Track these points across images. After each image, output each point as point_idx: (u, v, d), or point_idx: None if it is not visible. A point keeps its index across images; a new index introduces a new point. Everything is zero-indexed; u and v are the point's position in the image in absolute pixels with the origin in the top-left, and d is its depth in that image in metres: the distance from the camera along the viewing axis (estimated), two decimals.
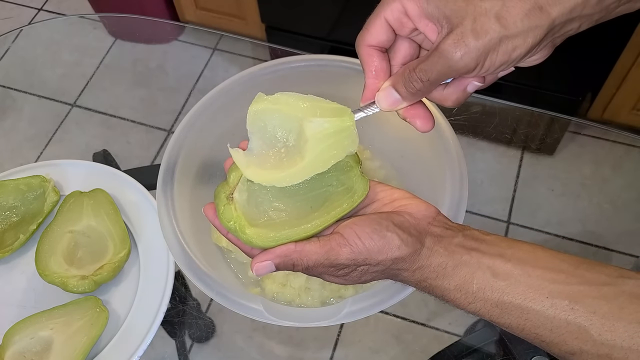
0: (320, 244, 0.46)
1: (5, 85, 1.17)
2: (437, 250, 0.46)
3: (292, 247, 0.46)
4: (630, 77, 1.36)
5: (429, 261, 0.46)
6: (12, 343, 0.66)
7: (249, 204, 0.48)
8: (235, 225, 0.47)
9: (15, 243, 0.74)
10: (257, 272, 0.47)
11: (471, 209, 0.88)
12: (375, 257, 0.46)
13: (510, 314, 0.44)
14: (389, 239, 0.45)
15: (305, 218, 0.48)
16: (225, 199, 0.49)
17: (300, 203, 0.49)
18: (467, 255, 0.45)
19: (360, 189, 0.49)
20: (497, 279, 0.44)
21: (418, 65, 0.44)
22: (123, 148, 1.05)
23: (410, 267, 0.46)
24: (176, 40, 1.30)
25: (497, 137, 0.91)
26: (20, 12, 1.93)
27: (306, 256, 0.46)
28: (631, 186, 0.96)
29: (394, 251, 0.45)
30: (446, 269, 0.45)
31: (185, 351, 0.78)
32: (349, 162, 0.49)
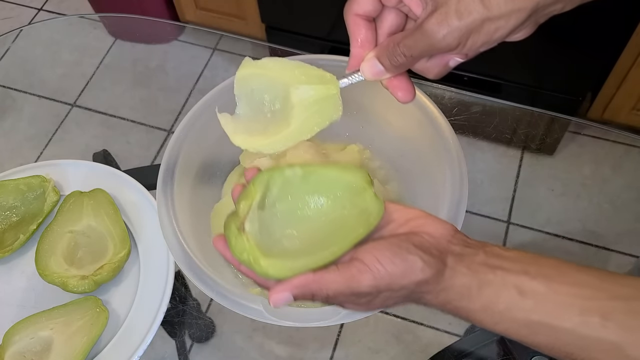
0: (340, 271, 0.44)
1: (5, 85, 1.17)
2: (460, 270, 0.44)
3: (311, 276, 0.44)
4: (630, 77, 1.36)
5: (452, 282, 0.44)
6: (12, 343, 0.66)
7: (261, 234, 0.47)
8: (249, 257, 0.46)
9: (15, 243, 0.74)
10: (275, 304, 0.45)
11: (471, 209, 0.88)
12: (399, 282, 0.44)
13: (540, 333, 0.42)
14: (411, 261, 0.43)
15: (320, 245, 0.46)
16: (236, 230, 0.46)
17: (314, 229, 0.47)
18: (492, 274, 0.44)
19: (375, 211, 0.47)
20: (523, 297, 0.43)
21: (402, 41, 0.45)
22: (123, 148, 1.05)
23: (434, 290, 0.44)
24: (176, 40, 1.30)
25: (497, 137, 0.91)
26: (20, 12, 1.93)
27: (326, 286, 0.44)
28: (631, 186, 0.95)
29: (418, 274, 0.43)
30: (471, 290, 0.44)
31: (185, 351, 0.78)
32: (361, 184, 0.48)
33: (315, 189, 0.48)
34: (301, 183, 0.48)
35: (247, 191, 0.48)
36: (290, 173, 0.48)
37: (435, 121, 0.69)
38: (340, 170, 0.48)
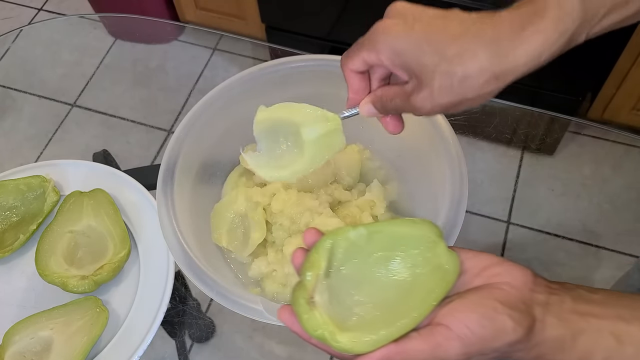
0: (424, 339, 0.41)
1: (5, 85, 1.17)
2: (550, 321, 0.42)
3: (393, 348, 0.42)
4: (630, 77, 1.36)
5: (544, 336, 0.42)
6: (12, 343, 0.66)
7: (332, 304, 0.44)
8: (324, 333, 0.43)
9: (15, 243, 0.74)
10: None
11: (471, 209, 0.88)
12: (490, 345, 0.41)
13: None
14: (501, 322, 0.40)
15: (397, 311, 0.43)
16: (305, 304, 0.44)
17: (387, 292, 0.45)
18: (584, 322, 0.41)
19: (451, 267, 0.44)
20: (622, 345, 0.40)
21: (393, 99, 0.51)
22: (123, 148, 1.05)
23: (526, 347, 0.42)
24: (176, 40, 1.30)
25: (497, 137, 0.91)
26: (20, 12, 1.93)
27: (411, 356, 0.41)
28: (631, 186, 0.96)
29: (510, 335, 0.41)
30: (565, 342, 0.41)
31: (185, 351, 0.78)
32: (431, 238, 0.45)
33: (383, 248, 0.46)
34: (367, 244, 0.46)
35: (312, 260, 0.45)
36: (354, 235, 0.46)
37: (435, 121, 0.69)
38: (407, 225, 0.46)
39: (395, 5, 0.49)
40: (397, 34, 0.47)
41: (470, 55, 0.44)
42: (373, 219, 0.72)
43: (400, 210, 0.76)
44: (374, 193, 0.73)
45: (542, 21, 0.43)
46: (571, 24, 0.45)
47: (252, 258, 0.72)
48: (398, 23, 0.47)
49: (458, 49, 0.44)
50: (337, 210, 0.74)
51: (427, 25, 0.46)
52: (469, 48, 0.44)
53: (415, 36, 0.46)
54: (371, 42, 0.50)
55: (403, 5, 0.49)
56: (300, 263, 0.47)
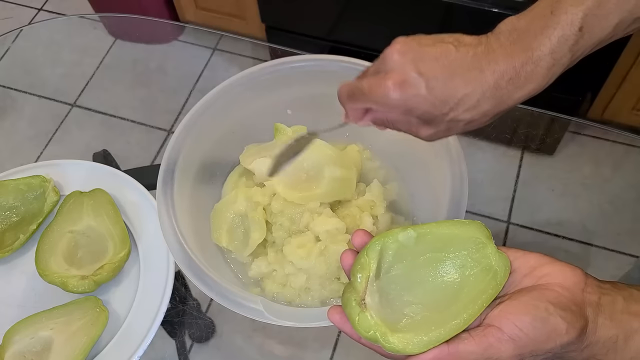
0: (476, 341, 0.41)
1: (5, 85, 1.17)
2: (602, 322, 0.42)
3: (446, 349, 0.42)
4: (630, 77, 1.36)
5: (596, 337, 0.42)
6: (12, 343, 0.66)
7: (382, 305, 0.45)
8: (376, 334, 0.43)
9: (15, 243, 0.74)
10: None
11: (471, 209, 0.88)
12: (543, 347, 0.41)
13: None
14: (553, 324, 0.41)
15: (448, 311, 0.44)
16: (357, 306, 0.44)
17: (437, 294, 0.45)
18: (637, 322, 0.42)
19: (501, 268, 0.44)
20: None
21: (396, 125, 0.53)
22: (123, 148, 1.05)
23: (579, 348, 0.42)
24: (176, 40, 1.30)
25: (497, 137, 0.91)
26: (20, 12, 1.93)
27: (464, 357, 0.42)
28: (631, 186, 0.95)
29: (563, 337, 0.41)
30: (617, 343, 0.42)
31: (185, 351, 0.78)
32: (480, 239, 0.46)
33: (432, 250, 0.46)
34: (416, 245, 0.46)
35: (362, 262, 0.46)
36: (403, 237, 0.46)
37: None
38: (456, 226, 0.46)
39: (393, 57, 0.49)
40: (407, 96, 0.48)
41: (474, 105, 0.48)
42: (373, 219, 0.72)
43: (401, 210, 0.76)
44: (374, 193, 0.73)
45: (536, 71, 0.48)
46: (560, 69, 0.49)
47: (252, 258, 0.72)
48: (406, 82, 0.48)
49: (464, 100, 0.48)
50: (337, 211, 0.74)
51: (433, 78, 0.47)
52: (474, 99, 0.47)
53: (424, 93, 0.48)
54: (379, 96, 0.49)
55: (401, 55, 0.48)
56: (349, 265, 0.47)
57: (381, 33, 1.44)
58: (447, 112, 0.48)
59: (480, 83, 0.47)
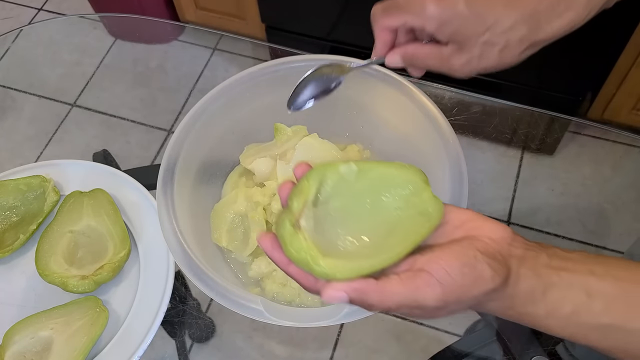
0: (404, 282, 0.41)
1: (5, 85, 1.17)
2: (523, 273, 0.42)
3: (373, 284, 0.41)
4: (630, 77, 1.36)
5: (517, 288, 0.42)
6: (12, 343, 0.66)
7: (317, 232, 0.44)
8: (307, 256, 0.42)
9: (15, 243, 0.74)
10: (328, 300, 0.42)
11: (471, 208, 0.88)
12: (469, 293, 0.41)
13: (611, 337, 0.40)
14: (480, 270, 0.41)
15: (380, 246, 0.44)
16: (291, 227, 0.43)
17: (370, 229, 0.45)
18: (556, 276, 0.42)
19: (435, 212, 0.45)
20: (592, 299, 0.41)
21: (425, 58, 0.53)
22: (123, 148, 1.05)
23: (500, 297, 0.43)
24: (176, 40, 1.30)
25: (497, 137, 0.91)
26: (20, 12, 1.93)
27: (388, 297, 0.41)
28: (631, 186, 0.95)
29: (488, 284, 0.41)
30: (535, 294, 0.42)
31: (185, 351, 0.78)
32: (419, 183, 0.46)
33: (371, 186, 0.46)
34: (356, 180, 0.46)
35: (300, 187, 0.45)
36: (345, 169, 0.46)
37: (435, 121, 0.69)
38: (397, 168, 0.46)
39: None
40: (444, 9, 0.49)
41: (511, 27, 0.48)
42: None
43: None
44: None
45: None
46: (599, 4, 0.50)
47: (252, 258, 0.72)
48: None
49: (501, 21, 0.48)
50: None
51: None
52: (511, 20, 0.48)
53: (462, 7, 0.49)
54: (416, 8, 0.50)
55: None
56: (287, 194, 0.46)
57: None
58: (482, 31, 0.49)
59: (520, 5, 0.48)
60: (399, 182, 0.46)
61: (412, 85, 0.71)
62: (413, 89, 0.71)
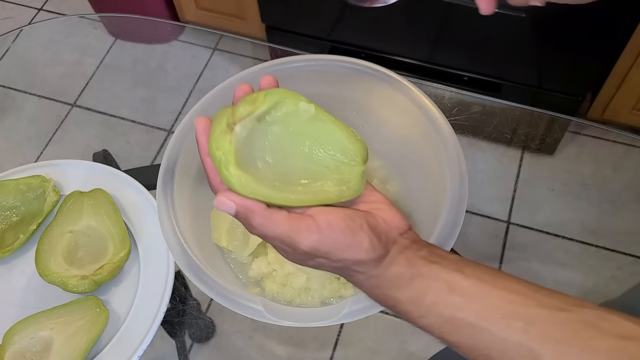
0: (289, 219, 0.44)
1: (5, 85, 1.17)
2: (398, 260, 0.45)
3: (262, 209, 0.44)
4: (630, 77, 1.36)
5: (388, 270, 0.45)
6: (12, 343, 0.66)
7: (244, 144, 0.45)
8: (223, 157, 0.44)
9: (15, 243, 0.74)
10: (217, 206, 0.44)
11: (471, 209, 0.88)
12: (339, 254, 0.44)
13: (462, 332, 0.42)
14: (359, 238, 0.44)
15: (290, 187, 0.45)
16: (225, 125, 0.45)
17: (292, 168, 0.46)
18: (427, 267, 0.44)
19: (353, 188, 0.47)
20: (453, 294, 0.43)
21: None
22: (123, 148, 1.06)
23: (368, 272, 0.45)
24: (176, 40, 1.30)
25: (497, 137, 0.91)
26: (20, 12, 1.93)
27: (270, 226, 0.44)
28: (631, 186, 0.96)
29: (360, 254, 0.44)
30: (402, 280, 0.44)
31: (185, 351, 0.78)
32: (356, 158, 0.47)
33: (316, 135, 0.47)
34: (306, 122, 0.47)
35: (256, 97, 0.46)
36: (303, 107, 0.47)
37: (435, 121, 0.69)
38: (348, 135, 0.47)
39: None
40: None
41: None
42: None
43: (400, 210, 0.76)
44: None
45: None
46: None
47: (252, 258, 0.72)
48: None
49: None
50: None
51: None
52: None
53: None
54: None
55: None
56: (241, 96, 0.47)
57: (381, 33, 1.44)
58: None
59: None
60: (342, 147, 0.47)
61: (412, 85, 0.71)
62: (413, 89, 0.70)
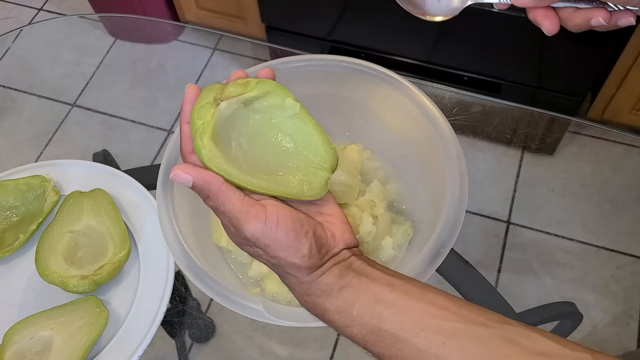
0: (242, 201, 0.45)
1: (5, 85, 1.17)
2: (331, 270, 0.46)
3: (220, 183, 0.45)
4: (630, 77, 1.36)
5: (319, 279, 0.46)
6: (12, 343, 0.66)
7: (225, 122, 0.47)
8: (200, 127, 0.45)
9: (15, 243, 0.74)
10: (173, 177, 0.46)
11: (471, 209, 0.88)
12: (276, 252, 0.45)
13: (384, 342, 0.43)
14: (301, 243, 0.45)
15: (256, 173, 0.47)
16: (212, 99, 0.46)
17: (263, 157, 0.48)
18: (357, 279, 0.45)
19: (315, 190, 0.48)
20: (379, 305, 0.44)
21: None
22: (123, 148, 1.06)
23: (300, 277, 0.46)
24: (176, 40, 1.30)
25: (497, 137, 0.91)
26: (20, 12, 1.93)
27: (223, 200, 0.45)
28: (631, 186, 0.96)
29: (297, 258, 0.45)
30: (332, 290, 0.46)
31: (185, 351, 0.78)
32: (325, 165, 0.49)
33: (293, 132, 0.49)
34: (288, 118, 0.49)
35: (248, 82, 0.48)
36: (289, 103, 0.48)
37: (435, 121, 0.69)
38: (322, 140, 0.49)
39: None
40: None
41: None
42: (373, 219, 0.72)
43: (401, 210, 0.76)
44: (374, 193, 0.73)
45: None
46: None
47: (252, 258, 0.72)
48: None
49: None
50: None
51: None
52: None
53: None
54: None
55: None
56: (236, 78, 0.49)
57: (381, 33, 1.44)
58: None
59: None
60: (315, 150, 0.49)
61: (412, 85, 0.71)
62: (413, 89, 0.70)
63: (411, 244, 0.73)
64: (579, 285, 0.85)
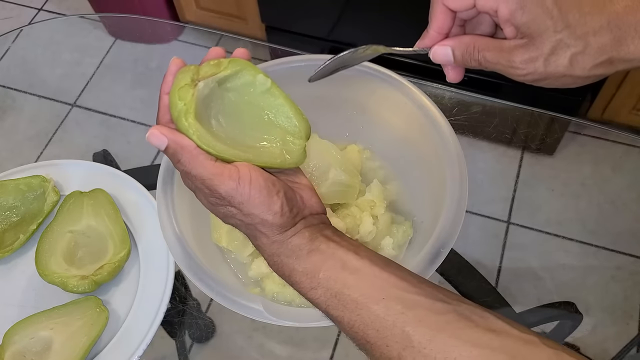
0: (215, 164, 0.46)
1: (5, 85, 1.17)
2: (302, 232, 0.48)
3: (192, 148, 0.46)
4: (630, 77, 1.36)
5: (290, 239, 0.47)
6: (12, 343, 0.66)
7: (203, 101, 0.48)
8: (183, 107, 0.46)
9: (15, 243, 0.74)
10: (148, 138, 0.47)
11: (471, 209, 0.88)
12: (250, 209, 0.46)
13: (346, 307, 0.45)
14: (272, 200, 0.46)
15: (240, 147, 0.49)
16: (189, 80, 0.47)
17: (242, 132, 0.50)
18: (325, 244, 0.47)
19: (296, 158, 0.50)
20: (344, 271, 0.45)
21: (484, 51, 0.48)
22: (123, 148, 1.05)
23: (271, 236, 0.48)
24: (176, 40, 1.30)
25: (497, 137, 0.91)
26: (20, 12, 1.93)
27: (195, 164, 0.46)
28: (631, 186, 0.96)
29: (269, 214, 0.46)
30: (301, 251, 0.47)
31: (185, 351, 0.78)
32: (301, 133, 0.51)
33: (266, 106, 0.50)
34: (261, 94, 0.50)
35: (220, 62, 0.49)
36: (260, 79, 0.50)
37: (435, 121, 0.69)
38: (294, 111, 0.51)
39: None
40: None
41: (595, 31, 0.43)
42: (373, 219, 0.72)
43: (401, 210, 0.76)
44: (374, 193, 0.73)
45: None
46: None
47: (252, 258, 0.72)
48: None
49: (585, 22, 0.43)
50: (337, 211, 0.74)
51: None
52: (597, 24, 0.43)
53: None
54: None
55: None
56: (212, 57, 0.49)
57: (381, 33, 1.44)
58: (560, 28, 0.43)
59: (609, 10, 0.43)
60: (289, 121, 0.51)
61: (412, 85, 0.71)
62: (413, 89, 0.70)
63: (411, 244, 0.73)
64: (579, 285, 0.85)
